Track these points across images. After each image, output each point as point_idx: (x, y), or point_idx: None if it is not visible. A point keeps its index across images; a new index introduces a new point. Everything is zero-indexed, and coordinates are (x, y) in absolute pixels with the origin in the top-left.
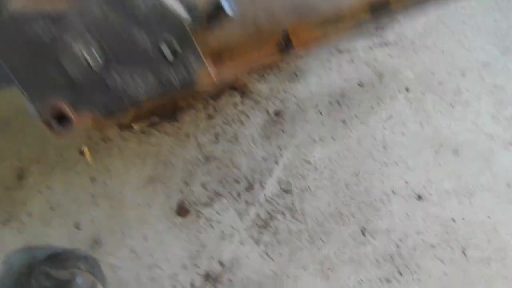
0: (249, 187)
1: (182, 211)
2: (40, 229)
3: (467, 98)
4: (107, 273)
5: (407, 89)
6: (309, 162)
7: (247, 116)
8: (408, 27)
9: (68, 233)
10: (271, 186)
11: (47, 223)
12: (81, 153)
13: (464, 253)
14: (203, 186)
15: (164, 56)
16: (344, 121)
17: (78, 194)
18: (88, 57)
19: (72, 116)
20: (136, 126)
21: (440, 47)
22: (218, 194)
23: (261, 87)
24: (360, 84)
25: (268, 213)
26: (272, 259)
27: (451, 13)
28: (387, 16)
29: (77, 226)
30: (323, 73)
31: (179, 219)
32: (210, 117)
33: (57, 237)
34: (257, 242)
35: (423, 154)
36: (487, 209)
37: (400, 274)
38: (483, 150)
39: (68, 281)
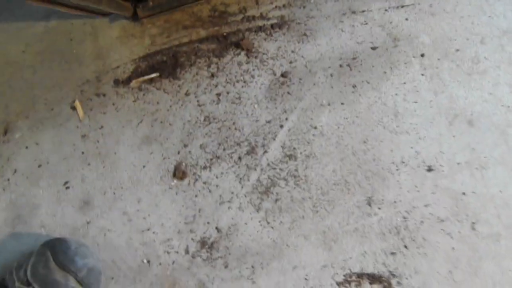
0: (251, 151)
1: (179, 173)
2: (27, 187)
3: (485, 67)
4: (97, 236)
5: (422, 55)
6: (315, 127)
7: (252, 76)
8: None
9: (56, 192)
10: (274, 151)
11: (34, 181)
12: (73, 108)
13: (473, 227)
14: (202, 148)
15: None
16: (354, 86)
17: (68, 152)
18: None
19: None
20: (133, 82)
21: (459, 12)
22: (217, 157)
23: (268, 46)
24: (373, 48)
25: (270, 178)
26: (272, 227)
27: None
28: None
29: (66, 185)
30: (335, 34)
31: (175, 182)
32: (212, 76)
33: (45, 196)
34: (257, 208)
35: (436, 123)
36: (499, 183)
37: (406, 247)
38: (500, 122)
39: (58, 282)
